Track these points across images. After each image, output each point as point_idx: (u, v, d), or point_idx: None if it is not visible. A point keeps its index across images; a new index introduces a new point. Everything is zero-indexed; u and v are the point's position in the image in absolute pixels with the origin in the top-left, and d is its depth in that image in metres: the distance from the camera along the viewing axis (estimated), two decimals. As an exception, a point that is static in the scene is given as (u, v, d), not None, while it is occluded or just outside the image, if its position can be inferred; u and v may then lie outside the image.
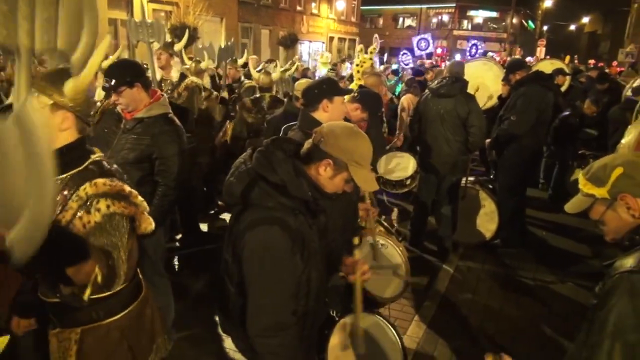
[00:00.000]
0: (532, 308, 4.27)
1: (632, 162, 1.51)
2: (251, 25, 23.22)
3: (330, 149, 1.74)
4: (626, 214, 1.49)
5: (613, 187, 1.50)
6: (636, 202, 1.47)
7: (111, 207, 1.72)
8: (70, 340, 1.83)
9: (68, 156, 1.75)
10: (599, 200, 1.55)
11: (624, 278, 1.36)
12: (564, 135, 6.74)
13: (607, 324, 1.34)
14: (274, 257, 1.69)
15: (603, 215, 1.55)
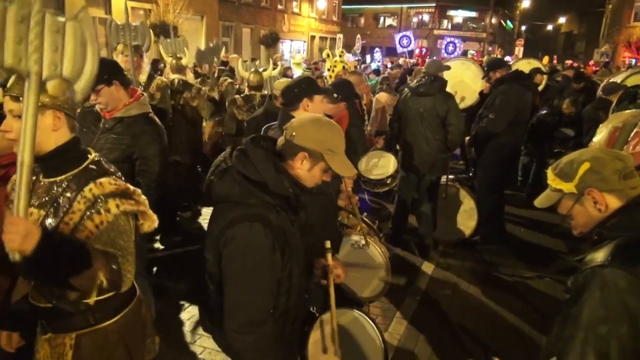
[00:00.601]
0: (510, 303, 4.35)
1: (598, 157, 1.55)
2: (232, 23, 23.09)
3: (304, 142, 1.77)
4: (593, 208, 1.53)
5: (580, 182, 1.54)
6: (602, 197, 1.51)
7: (121, 207, 1.71)
8: (65, 345, 1.80)
9: (65, 156, 1.74)
10: (567, 195, 1.59)
11: (594, 272, 1.40)
12: (542, 134, 6.88)
13: (580, 317, 1.38)
14: (255, 254, 1.70)
15: (571, 209, 1.59)
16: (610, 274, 1.36)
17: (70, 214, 1.67)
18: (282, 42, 27.54)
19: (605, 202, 1.51)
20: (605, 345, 1.31)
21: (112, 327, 1.84)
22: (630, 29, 29.41)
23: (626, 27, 30.12)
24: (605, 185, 1.50)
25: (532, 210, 6.39)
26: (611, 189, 1.50)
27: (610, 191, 1.50)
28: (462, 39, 35.73)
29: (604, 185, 1.51)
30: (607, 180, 1.50)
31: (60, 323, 1.81)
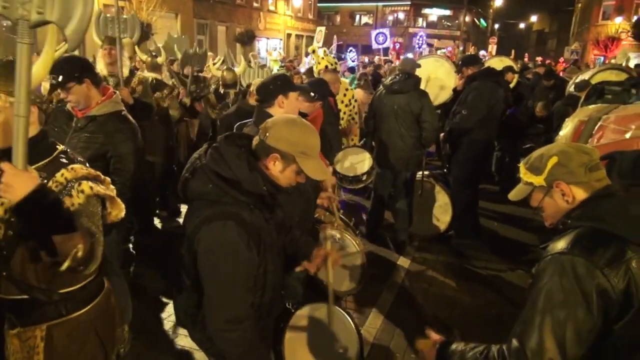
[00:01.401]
0: (484, 295, 4.45)
1: (566, 151, 1.61)
2: (207, 21, 22.89)
3: (276, 143, 1.78)
4: (561, 200, 1.59)
5: (549, 175, 1.59)
6: (570, 189, 1.57)
7: (94, 188, 1.73)
8: (36, 337, 1.80)
9: (36, 149, 1.73)
10: (537, 187, 1.65)
11: (555, 259, 1.46)
12: (514, 131, 7.04)
13: (538, 301, 1.44)
14: (230, 252, 1.72)
15: (541, 202, 1.66)
16: (569, 261, 1.41)
17: None
18: (258, 40, 27.41)
19: (573, 194, 1.57)
20: (562, 328, 1.37)
21: (83, 317, 1.86)
22: (598, 28, 30.21)
23: (594, 25, 30.92)
24: (572, 178, 1.56)
25: (505, 205, 6.54)
26: (578, 181, 1.56)
27: (577, 183, 1.56)
28: (437, 36, 36.17)
29: (571, 178, 1.56)
30: (574, 173, 1.56)
31: (31, 315, 1.80)
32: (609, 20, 29.62)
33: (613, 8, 29.86)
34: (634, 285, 1.36)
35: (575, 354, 1.37)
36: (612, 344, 1.41)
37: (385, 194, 5.33)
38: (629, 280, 1.36)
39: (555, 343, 1.37)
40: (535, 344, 1.39)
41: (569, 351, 1.37)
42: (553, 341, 1.37)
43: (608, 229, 1.44)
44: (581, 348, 1.38)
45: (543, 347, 1.38)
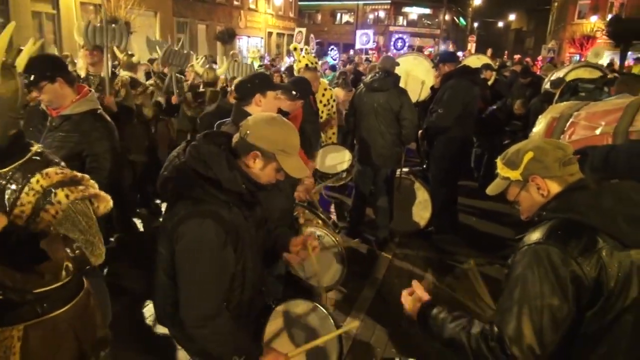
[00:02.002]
0: (463, 289, 4.51)
1: (541, 147, 1.66)
2: (187, 20, 22.66)
3: (256, 141, 1.79)
4: (537, 194, 1.64)
5: (525, 170, 1.64)
6: (545, 183, 1.62)
7: (70, 196, 1.70)
8: (13, 337, 1.77)
9: (9, 150, 1.72)
10: (513, 182, 1.70)
11: (530, 249, 1.51)
12: (492, 128, 7.15)
13: (515, 290, 1.49)
14: (207, 250, 1.73)
15: (518, 196, 1.70)
16: (545, 251, 1.46)
17: (20, 207, 1.66)
18: (239, 39, 27.24)
19: (548, 188, 1.62)
20: (539, 315, 1.42)
21: (61, 317, 1.83)
22: (574, 26, 30.76)
23: (570, 24, 31.49)
24: (547, 172, 1.61)
25: (483, 201, 6.65)
26: (552, 175, 1.61)
27: (551, 178, 1.61)
28: (417, 35, 36.40)
29: (546, 173, 1.61)
30: (548, 168, 1.61)
31: (8, 315, 1.78)
32: (585, 19, 30.19)
33: (588, 7, 30.44)
34: (605, 273, 1.41)
35: (551, 340, 1.42)
36: (583, 331, 1.47)
37: (366, 191, 5.37)
38: (600, 269, 1.42)
39: (533, 330, 1.42)
40: (514, 331, 1.44)
41: (546, 337, 1.41)
42: (530, 328, 1.42)
43: (581, 220, 1.48)
44: (557, 334, 1.43)
45: (521, 334, 1.43)
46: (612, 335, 1.45)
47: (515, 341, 1.42)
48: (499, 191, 1.77)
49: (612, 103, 2.88)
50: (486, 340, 1.49)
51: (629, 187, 1.55)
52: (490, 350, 1.47)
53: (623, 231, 1.45)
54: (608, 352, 1.46)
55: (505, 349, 1.43)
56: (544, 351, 1.42)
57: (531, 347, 1.41)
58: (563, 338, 1.45)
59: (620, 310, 1.44)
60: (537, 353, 1.41)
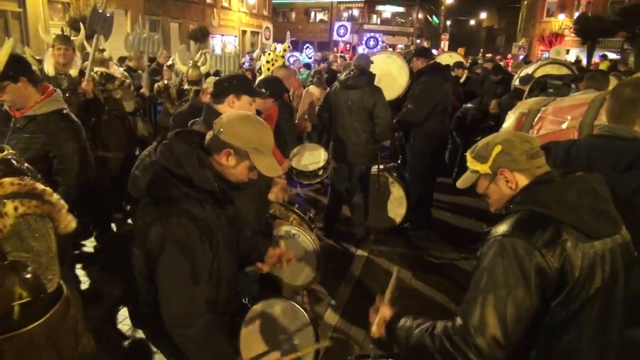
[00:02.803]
0: (438, 284, 4.58)
1: (509, 140, 1.68)
2: (159, 18, 22.31)
3: (229, 138, 1.78)
4: (505, 187, 1.66)
5: (494, 163, 1.66)
6: (513, 176, 1.64)
7: (20, 209, 1.63)
8: None
9: None
10: (483, 175, 1.72)
11: (497, 241, 1.53)
12: (467, 125, 7.27)
13: (481, 281, 1.51)
14: (182, 249, 1.71)
15: (487, 189, 1.72)
16: (510, 243, 1.49)
17: None
18: (213, 37, 26.94)
19: (516, 181, 1.64)
20: (503, 305, 1.44)
21: (37, 330, 1.76)
22: (543, 24, 31.44)
23: (539, 22, 32.18)
24: (515, 165, 1.63)
25: (458, 196, 6.75)
26: (520, 168, 1.63)
27: (519, 170, 1.64)
28: (391, 33, 36.64)
29: (514, 165, 1.64)
30: (516, 161, 1.63)
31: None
32: (553, 17, 30.89)
33: (556, 5, 31.15)
34: (569, 264, 1.45)
35: (515, 330, 1.45)
36: (549, 320, 1.50)
37: (341, 188, 5.38)
38: (564, 260, 1.45)
39: (497, 320, 1.44)
40: (478, 320, 1.46)
41: (509, 328, 1.44)
42: (495, 318, 1.44)
43: (546, 212, 1.51)
44: (521, 324, 1.45)
45: (485, 323, 1.45)
46: (577, 323, 1.48)
47: (480, 331, 1.45)
48: (468, 184, 1.79)
49: (578, 98, 2.95)
50: (449, 336, 1.51)
51: (592, 180, 1.59)
52: (453, 345, 1.49)
53: (587, 223, 1.49)
54: (573, 340, 1.50)
55: (469, 340, 1.45)
56: (507, 341, 1.44)
57: (495, 337, 1.43)
58: (527, 328, 1.48)
59: (585, 299, 1.47)
60: (501, 343, 1.43)
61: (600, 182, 1.59)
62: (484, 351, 1.43)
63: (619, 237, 1.56)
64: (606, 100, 2.48)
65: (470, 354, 1.45)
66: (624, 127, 2.13)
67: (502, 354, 1.45)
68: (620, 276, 1.54)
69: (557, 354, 1.51)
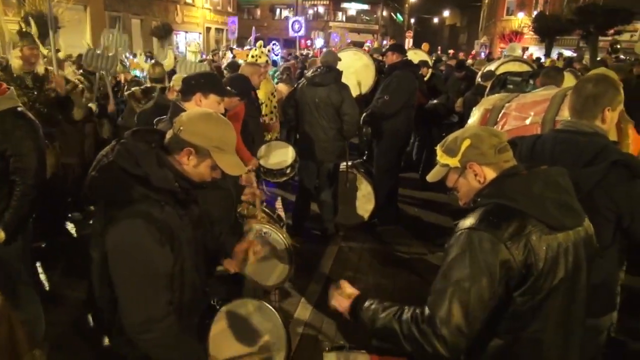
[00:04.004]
0: (407, 278, 4.64)
1: (478, 134, 1.71)
2: (120, 14, 21.72)
3: (190, 137, 1.74)
4: (474, 180, 1.69)
5: (463, 157, 1.68)
6: (481, 169, 1.67)
7: None
8: None
9: None
10: (452, 169, 1.74)
11: (463, 234, 1.56)
12: (431, 121, 7.39)
13: (448, 273, 1.54)
14: (140, 252, 1.66)
15: (456, 182, 1.75)
16: (477, 236, 1.52)
17: None
18: (176, 34, 26.47)
19: (484, 174, 1.67)
20: (467, 296, 1.48)
21: None
22: (504, 22, 32.29)
23: (500, 20, 33.03)
24: (484, 159, 1.66)
25: (424, 192, 6.87)
26: (488, 162, 1.66)
27: (487, 164, 1.66)
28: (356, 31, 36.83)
29: (482, 159, 1.66)
30: (485, 155, 1.66)
31: None
32: (513, 16, 31.74)
33: (516, 4, 32.01)
34: (533, 256, 1.48)
35: (477, 319, 1.49)
36: (513, 310, 1.54)
37: (310, 186, 5.38)
38: (528, 252, 1.48)
39: (462, 311, 1.47)
40: (444, 312, 1.49)
41: (473, 318, 1.48)
42: (460, 310, 1.47)
43: (512, 205, 1.54)
44: (483, 313, 1.50)
45: (451, 314, 1.48)
46: (542, 313, 1.53)
47: (446, 322, 1.48)
48: (438, 178, 1.81)
49: (540, 95, 3.04)
50: (417, 324, 1.53)
51: (556, 173, 1.63)
52: (421, 333, 1.51)
53: (551, 215, 1.53)
54: (538, 330, 1.54)
55: (436, 330, 1.48)
56: (470, 330, 1.48)
57: (459, 327, 1.47)
58: (491, 318, 1.52)
59: (549, 290, 1.52)
60: (465, 332, 1.48)
61: (564, 176, 1.63)
62: (448, 341, 1.47)
63: (582, 229, 1.61)
64: (567, 96, 2.56)
65: (437, 343, 1.48)
66: (585, 122, 2.20)
67: (464, 342, 1.49)
68: (582, 267, 1.60)
69: (523, 343, 1.56)
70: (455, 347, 1.48)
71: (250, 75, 4.76)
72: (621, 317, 4.02)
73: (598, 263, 2.06)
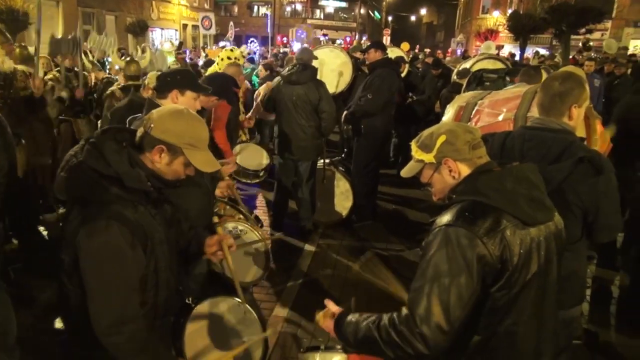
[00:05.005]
0: (386, 276, 4.66)
1: (452, 130, 1.72)
2: (93, 10, 21.27)
3: (161, 135, 1.71)
4: (448, 176, 1.71)
5: (438, 153, 1.69)
6: (456, 165, 1.69)
7: None
8: None
9: None
10: (427, 164, 1.75)
11: (440, 231, 1.58)
12: (410, 119, 7.46)
13: (426, 270, 1.55)
14: (112, 253, 1.64)
15: (431, 178, 1.76)
16: (454, 233, 1.53)
17: None
18: (152, 31, 26.07)
19: (458, 170, 1.68)
20: (447, 293, 1.49)
21: None
22: (479, 21, 32.68)
23: (476, 18, 33.43)
24: (458, 155, 1.68)
25: (401, 188, 6.92)
26: (463, 158, 1.68)
27: (462, 160, 1.68)
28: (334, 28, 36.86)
29: (457, 155, 1.68)
30: (459, 151, 1.67)
31: None
32: (488, 14, 32.17)
33: (491, 3, 32.45)
34: (508, 251, 1.51)
35: (457, 317, 1.49)
36: (491, 306, 1.56)
37: (288, 184, 5.38)
38: (503, 248, 1.51)
39: (441, 308, 1.48)
40: (424, 309, 1.49)
41: (453, 315, 1.49)
42: (439, 306, 1.48)
43: (486, 201, 1.56)
44: (463, 311, 1.50)
45: (430, 312, 1.49)
46: (517, 306, 1.55)
47: (425, 320, 1.48)
48: (413, 173, 1.82)
49: (512, 91, 3.09)
50: (394, 327, 1.54)
51: (527, 169, 1.66)
52: (399, 335, 1.52)
53: (523, 211, 1.55)
54: (513, 323, 1.57)
55: (414, 329, 1.49)
56: (450, 328, 1.49)
57: (439, 324, 1.47)
58: (470, 314, 1.53)
59: (523, 284, 1.54)
60: (445, 330, 1.48)
61: (535, 172, 1.67)
62: (429, 338, 1.47)
63: (552, 224, 1.65)
64: (537, 93, 2.61)
65: (416, 342, 1.48)
66: (553, 119, 2.25)
67: (445, 340, 1.49)
68: (553, 261, 1.63)
69: (499, 337, 1.58)
70: (436, 345, 1.49)
71: (236, 76, 4.77)
72: (592, 309, 4.17)
73: (567, 256, 2.12)
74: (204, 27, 15.83)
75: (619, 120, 4.48)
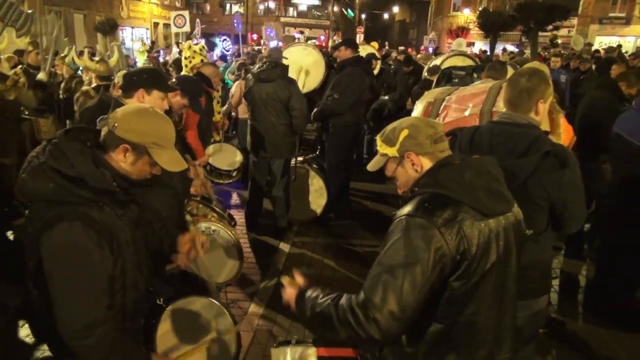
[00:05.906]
0: (360, 271, 4.71)
1: (415, 124, 1.76)
2: (60, 8, 20.72)
3: (125, 134, 1.70)
4: (411, 169, 1.74)
5: (401, 147, 1.73)
6: (418, 159, 1.72)
7: None
8: None
9: None
10: (391, 158, 1.78)
11: (400, 221, 1.61)
12: (383, 116, 7.54)
13: (384, 258, 1.59)
14: (77, 255, 1.61)
15: (395, 171, 1.79)
16: (413, 222, 1.57)
17: None
18: (122, 30, 25.60)
19: (421, 164, 1.72)
20: (401, 281, 1.52)
21: None
22: (451, 18, 33.17)
23: (447, 16, 33.90)
24: (420, 149, 1.71)
25: (375, 184, 6.98)
26: (425, 151, 1.71)
27: (424, 154, 1.72)
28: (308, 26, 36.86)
29: (419, 149, 1.71)
30: (421, 145, 1.71)
31: None
32: (459, 12, 32.65)
33: (461, 0, 32.94)
34: (466, 242, 1.55)
35: (410, 305, 1.52)
36: (449, 295, 1.59)
37: (262, 182, 5.36)
38: (460, 238, 1.54)
39: (395, 296, 1.51)
40: (379, 297, 1.52)
41: (405, 302, 1.52)
42: (393, 294, 1.51)
43: (445, 193, 1.60)
44: (417, 300, 1.53)
45: (385, 300, 1.52)
46: (477, 296, 1.59)
47: (379, 306, 1.51)
48: (378, 167, 1.85)
49: (478, 87, 3.16)
50: (351, 309, 1.57)
51: (487, 162, 1.71)
52: (354, 317, 1.55)
53: (482, 202, 1.60)
54: (473, 312, 1.61)
55: (369, 314, 1.52)
56: (403, 315, 1.52)
57: (392, 312, 1.51)
58: (426, 304, 1.56)
59: (482, 273, 1.58)
60: (397, 317, 1.51)
61: (494, 165, 1.71)
62: (382, 324, 1.51)
63: (511, 215, 1.69)
64: (503, 89, 2.67)
65: (369, 327, 1.51)
66: (520, 114, 2.31)
67: (397, 327, 1.53)
68: (513, 251, 1.68)
69: (459, 327, 1.61)
70: (388, 332, 1.52)
71: (213, 77, 4.74)
72: (560, 298, 4.29)
73: (533, 247, 2.18)
74: (176, 25, 15.67)
75: (583, 115, 4.62)
